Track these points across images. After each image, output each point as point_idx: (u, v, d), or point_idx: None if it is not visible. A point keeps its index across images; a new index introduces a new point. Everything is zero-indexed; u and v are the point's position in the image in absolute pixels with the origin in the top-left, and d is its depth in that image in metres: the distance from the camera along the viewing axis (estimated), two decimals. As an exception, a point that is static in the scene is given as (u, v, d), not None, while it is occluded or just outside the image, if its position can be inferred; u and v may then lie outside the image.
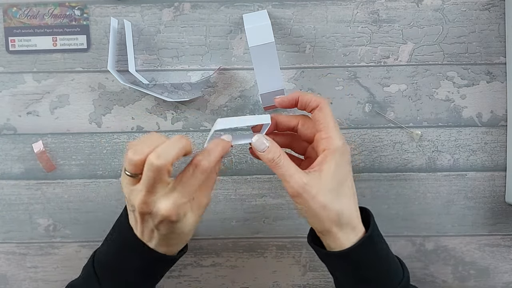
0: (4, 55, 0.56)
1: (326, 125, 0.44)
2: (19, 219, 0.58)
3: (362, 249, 0.43)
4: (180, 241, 0.45)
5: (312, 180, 0.42)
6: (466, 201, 0.58)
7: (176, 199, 0.40)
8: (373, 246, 0.44)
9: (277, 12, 0.55)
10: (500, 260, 0.58)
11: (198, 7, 0.55)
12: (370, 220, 0.45)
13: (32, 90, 0.56)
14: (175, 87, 0.56)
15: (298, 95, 0.46)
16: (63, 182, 0.58)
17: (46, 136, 0.57)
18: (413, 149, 0.57)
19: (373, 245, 0.44)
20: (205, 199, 0.44)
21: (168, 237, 0.43)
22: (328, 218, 0.43)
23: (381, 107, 0.57)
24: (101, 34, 0.56)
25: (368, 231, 0.44)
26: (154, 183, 0.40)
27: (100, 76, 0.56)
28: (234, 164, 0.57)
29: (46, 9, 0.55)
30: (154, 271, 0.45)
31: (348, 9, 0.55)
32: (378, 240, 0.45)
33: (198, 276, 0.59)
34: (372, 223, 0.45)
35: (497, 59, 0.56)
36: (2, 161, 0.57)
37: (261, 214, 0.58)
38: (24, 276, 0.59)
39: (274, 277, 0.59)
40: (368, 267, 0.44)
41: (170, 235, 0.42)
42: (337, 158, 0.43)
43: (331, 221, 0.43)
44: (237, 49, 0.56)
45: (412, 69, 0.56)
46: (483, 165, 0.57)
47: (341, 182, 0.43)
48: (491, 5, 0.55)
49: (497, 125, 0.57)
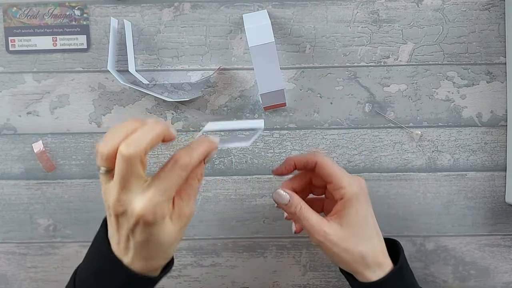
0: (4, 55, 0.56)
1: (333, 177, 0.45)
2: (19, 219, 0.58)
3: (390, 282, 0.44)
4: (158, 254, 0.40)
5: (332, 229, 0.44)
6: (466, 201, 0.58)
7: (152, 196, 0.37)
8: (401, 279, 0.45)
9: (277, 12, 0.55)
10: (500, 260, 0.58)
11: (198, 7, 0.55)
12: (400, 252, 0.46)
13: (32, 90, 0.56)
14: (175, 87, 0.56)
15: (292, 161, 0.47)
16: (63, 182, 0.58)
17: (46, 136, 0.57)
18: (413, 149, 0.57)
19: (401, 278, 0.45)
20: (187, 209, 0.40)
21: (145, 246, 0.39)
22: (353, 260, 0.44)
23: (381, 107, 0.57)
24: (101, 34, 0.56)
25: (398, 263, 0.45)
26: (127, 177, 0.36)
27: (100, 76, 0.56)
28: (234, 164, 0.57)
29: (46, 9, 0.55)
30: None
31: (348, 9, 0.55)
32: (407, 274, 0.46)
33: (198, 276, 0.59)
34: (401, 257, 0.46)
35: (497, 59, 0.56)
36: (2, 161, 0.57)
37: (261, 214, 0.58)
38: (24, 276, 0.59)
39: (274, 277, 0.59)
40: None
41: (147, 244, 0.39)
42: (355, 204, 0.44)
43: (356, 263, 0.44)
44: (237, 49, 0.56)
45: (412, 69, 0.56)
46: (483, 165, 0.57)
47: (362, 226, 0.45)
48: (491, 5, 0.55)
49: (497, 125, 0.57)
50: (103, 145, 0.37)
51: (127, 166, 0.36)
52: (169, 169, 0.38)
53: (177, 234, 0.40)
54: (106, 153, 0.36)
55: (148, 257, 0.40)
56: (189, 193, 0.40)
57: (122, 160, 0.36)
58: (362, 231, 0.45)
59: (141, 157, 0.36)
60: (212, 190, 0.58)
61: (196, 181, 0.41)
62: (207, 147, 0.40)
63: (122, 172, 0.36)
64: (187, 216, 0.40)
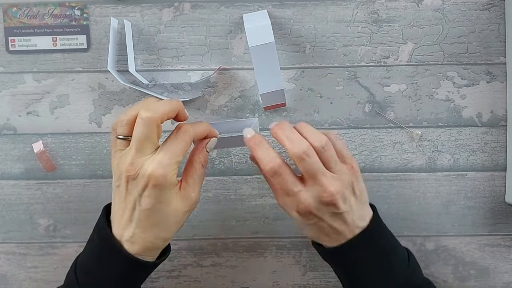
0: (4, 55, 0.56)
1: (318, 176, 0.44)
2: (19, 219, 0.58)
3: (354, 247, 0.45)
4: (159, 229, 0.42)
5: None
6: (466, 201, 0.58)
7: (161, 158, 0.41)
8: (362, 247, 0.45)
9: (277, 12, 0.55)
10: (500, 260, 0.58)
11: (198, 7, 0.55)
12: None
13: (32, 90, 0.56)
14: (175, 87, 0.56)
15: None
16: (63, 182, 0.58)
17: (46, 136, 0.57)
18: (413, 149, 0.57)
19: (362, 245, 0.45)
20: (193, 193, 0.43)
21: (149, 217, 0.41)
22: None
23: (381, 107, 0.57)
24: (101, 34, 0.56)
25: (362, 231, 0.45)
26: (143, 139, 0.40)
27: (100, 76, 0.56)
28: (234, 164, 0.57)
29: (46, 9, 0.55)
30: (134, 275, 0.44)
31: (348, 9, 0.55)
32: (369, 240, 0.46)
33: (198, 276, 0.59)
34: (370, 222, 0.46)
35: (497, 59, 0.56)
36: (2, 161, 0.57)
37: (261, 214, 0.58)
38: (24, 276, 0.59)
39: (274, 277, 0.59)
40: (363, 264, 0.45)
41: (151, 215, 0.41)
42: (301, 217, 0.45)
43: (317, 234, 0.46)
44: (237, 49, 0.56)
45: (412, 69, 0.56)
46: (483, 165, 0.57)
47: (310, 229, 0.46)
48: (491, 5, 0.55)
49: (497, 125, 0.57)
50: (124, 114, 0.42)
51: (144, 129, 0.40)
52: (174, 135, 0.42)
53: (182, 215, 0.43)
54: (127, 119, 0.41)
55: (149, 231, 0.42)
56: (194, 178, 0.44)
57: (141, 122, 0.40)
58: (312, 231, 0.46)
59: (158, 122, 0.41)
60: (212, 190, 0.58)
61: (200, 165, 0.44)
62: (206, 125, 0.45)
63: (140, 134, 0.40)
64: (193, 199, 0.43)
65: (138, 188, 0.41)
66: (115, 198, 0.43)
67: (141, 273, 0.45)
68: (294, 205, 0.44)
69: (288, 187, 0.43)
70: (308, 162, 0.43)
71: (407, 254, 0.48)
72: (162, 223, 0.42)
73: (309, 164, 0.43)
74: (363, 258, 0.45)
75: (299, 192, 0.43)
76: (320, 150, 0.43)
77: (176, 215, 0.43)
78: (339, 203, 0.43)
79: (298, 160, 0.43)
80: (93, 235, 0.46)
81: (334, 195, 0.43)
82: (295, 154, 0.43)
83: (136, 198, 0.41)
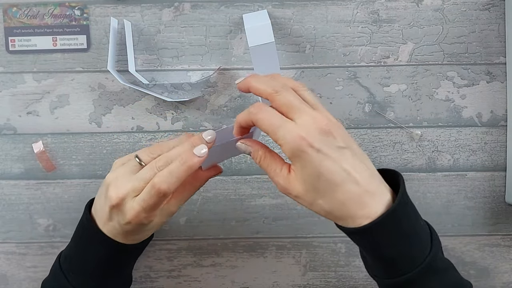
0: (4, 55, 0.56)
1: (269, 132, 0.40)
2: (19, 219, 0.58)
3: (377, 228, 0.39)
4: (137, 235, 0.46)
5: (291, 184, 0.40)
6: (466, 201, 0.58)
7: (139, 210, 0.42)
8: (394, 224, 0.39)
9: (277, 12, 0.55)
10: (500, 260, 0.58)
11: (198, 7, 0.55)
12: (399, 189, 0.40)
13: (32, 90, 0.56)
14: (175, 87, 0.56)
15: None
16: (63, 182, 0.58)
17: (46, 136, 0.57)
18: (413, 149, 0.57)
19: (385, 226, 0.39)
20: (174, 208, 0.46)
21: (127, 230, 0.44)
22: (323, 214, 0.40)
23: (381, 107, 0.57)
24: (101, 34, 0.56)
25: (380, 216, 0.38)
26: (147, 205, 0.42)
27: (100, 76, 0.56)
28: (234, 164, 0.57)
29: (46, 9, 0.55)
30: (118, 259, 0.47)
31: (348, 9, 0.55)
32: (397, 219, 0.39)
33: (198, 276, 0.59)
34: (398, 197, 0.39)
35: (497, 59, 0.56)
36: (2, 161, 0.57)
37: (261, 214, 0.58)
38: (24, 276, 0.59)
39: (274, 277, 0.59)
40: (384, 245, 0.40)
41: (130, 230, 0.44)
42: (297, 161, 0.39)
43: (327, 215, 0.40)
44: (237, 49, 0.56)
45: (412, 69, 0.56)
46: (483, 165, 0.57)
47: (314, 181, 0.39)
48: (491, 5, 0.55)
49: (497, 125, 0.57)
50: (158, 145, 0.45)
51: (154, 199, 0.42)
52: (148, 192, 0.42)
53: (159, 225, 0.46)
54: (154, 153, 0.44)
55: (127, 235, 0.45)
56: (182, 197, 0.46)
57: (152, 192, 0.42)
58: (317, 186, 0.39)
59: (168, 196, 0.43)
60: (212, 190, 0.58)
61: (192, 188, 0.46)
62: (188, 168, 0.42)
63: (147, 197, 0.42)
64: (173, 213, 0.46)
65: (120, 219, 0.43)
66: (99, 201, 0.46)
67: (124, 256, 0.47)
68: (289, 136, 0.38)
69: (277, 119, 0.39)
70: (285, 95, 0.39)
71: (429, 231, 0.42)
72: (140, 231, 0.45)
73: (287, 96, 0.39)
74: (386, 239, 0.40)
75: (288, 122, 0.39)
76: (295, 89, 0.41)
77: (153, 228, 0.46)
78: (335, 133, 0.39)
79: (275, 94, 0.39)
80: (77, 228, 0.48)
81: (327, 121, 0.39)
82: (270, 88, 0.39)
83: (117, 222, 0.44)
